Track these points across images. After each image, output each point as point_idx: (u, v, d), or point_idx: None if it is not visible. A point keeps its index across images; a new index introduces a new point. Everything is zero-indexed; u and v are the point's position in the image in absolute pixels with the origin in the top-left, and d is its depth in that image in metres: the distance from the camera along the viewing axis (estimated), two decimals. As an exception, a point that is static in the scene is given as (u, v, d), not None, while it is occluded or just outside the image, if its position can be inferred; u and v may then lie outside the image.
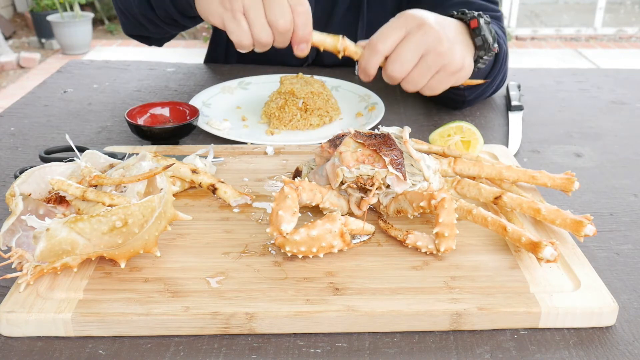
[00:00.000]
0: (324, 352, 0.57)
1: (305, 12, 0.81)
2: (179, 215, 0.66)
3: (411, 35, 0.82)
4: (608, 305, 0.60)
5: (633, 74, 1.40)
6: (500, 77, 1.11)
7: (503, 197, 0.71)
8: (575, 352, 0.57)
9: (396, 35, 0.82)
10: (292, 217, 0.64)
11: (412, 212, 0.70)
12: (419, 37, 0.81)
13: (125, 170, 0.69)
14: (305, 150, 0.93)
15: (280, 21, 0.79)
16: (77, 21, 4.83)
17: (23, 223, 0.65)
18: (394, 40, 0.82)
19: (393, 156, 0.71)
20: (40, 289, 0.61)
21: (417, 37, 0.81)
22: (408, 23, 0.82)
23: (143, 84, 1.29)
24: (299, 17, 0.80)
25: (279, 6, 0.79)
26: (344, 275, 0.63)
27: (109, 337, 0.58)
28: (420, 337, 0.59)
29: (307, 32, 0.81)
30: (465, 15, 0.91)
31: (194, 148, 0.93)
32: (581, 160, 0.97)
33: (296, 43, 0.83)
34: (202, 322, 0.58)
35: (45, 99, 1.21)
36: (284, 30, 0.80)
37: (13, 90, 4.08)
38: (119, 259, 0.62)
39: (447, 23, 0.87)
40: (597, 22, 5.63)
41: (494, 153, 0.92)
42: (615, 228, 0.77)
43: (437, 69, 0.84)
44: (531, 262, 0.66)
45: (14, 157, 0.96)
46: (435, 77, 0.85)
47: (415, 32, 0.82)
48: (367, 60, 0.83)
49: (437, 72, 0.84)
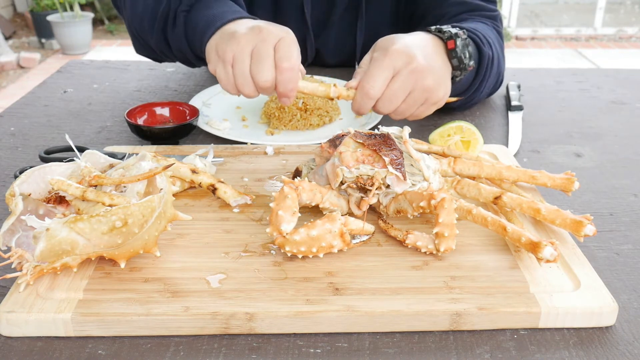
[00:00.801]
0: (324, 352, 0.57)
1: (290, 69, 0.81)
2: (179, 215, 0.66)
3: (400, 75, 0.83)
4: (608, 305, 0.60)
5: (633, 74, 1.40)
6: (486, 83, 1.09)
7: (503, 197, 0.71)
8: (575, 352, 0.57)
9: (385, 76, 0.82)
10: (292, 217, 0.64)
11: (412, 212, 0.70)
12: (408, 76, 0.83)
13: (125, 170, 0.69)
14: (305, 150, 0.93)
15: (261, 78, 0.81)
16: (77, 21, 4.83)
17: (23, 223, 0.65)
18: (383, 83, 0.83)
19: (393, 156, 0.71)
20: (40, 289, 0.61)
21: (406, 76, 0.83)
22: (396, 61, 0.82)
23: (143, 84, 1.29)
24: (282, 74, 0.81)
25: (262, 63, 0.80)
26: (344, 275, 0.63)
27: (109, 337, 0.58)
28: (420, 337, 0.59)
29: (289, 88, 0.82)
30: (443, 34, 0.91)
31: (194, 148, 0.93)
32: (581, 160, 0.97)
33: (279, 96, 0.84)
34: (202, 322, 0.58)
35: (45, 99, 1.21)
36: (265, 87, 0.82)
37: (13, 90, 4.08)
38: (118, 259, 0.62)
39: (429, 51, 0.87)
40: (597, 22, 5.63)
41: (494, 153, 0.92)
42: (615, 228, 0.77)
43: (423, 102, 0.86)
44: (531, 262, 0.66)
45: (14, 157, 0.96)
46: (420, 108, 0.87)
47: (404, 70, 0.82)
48: (360, 104, 0.84)
49: (422, 104, 0.87)
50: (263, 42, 0.81)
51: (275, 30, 0.82)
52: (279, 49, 0.81)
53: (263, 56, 0.80)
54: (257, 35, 0.82)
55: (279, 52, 0.81)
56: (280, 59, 0.80)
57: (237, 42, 0.82)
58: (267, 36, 0.81)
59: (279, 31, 0.83)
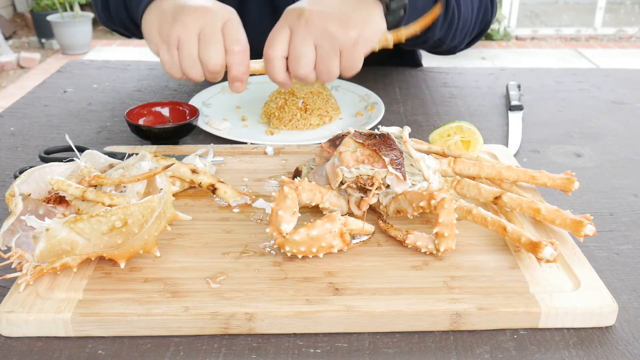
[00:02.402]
0: (323, 352, 0.57)
1: (242, 52, 0.79)
2: (179, 215, 0.66)
3: (295, 29, 0.79)
4: (608, 305, 0.60)
5: (633, 74, 1.40)
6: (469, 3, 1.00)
7: (503, 197, 0.71)
8: (575, 352, 0.57)
9: (281, 35, 0.79)
10: (291, 217, 0.64)
11: (411, 212, 0.70)
12: (303, 28, 0.78)
13: (125, 171, 0.69)
14: (305, 150, 0.93)
15: (211, 61, 0.79)
16: (77, 21, 4.83)
17: (23, 223, 0.65)
18: (281, 41, 0.79)
19: (393, 156, 0.71)
20: (40, 289, 0.61)
21: (301, 29, 0.78)
22: (288, 19, 0.80)
23: (143, 84, 1.29)
24: (234, 57, 0.79)
25: (212, 45, 0.78)
26: (344, 275, 0.63)
27: (108, 337, 0.58)
28: (420, 337, 0.59)
29: (241, 71, 0.80)
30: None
31: (194, 148, 0.93)
32: (581, 160, 0.97)
33: (231, 81, 0.82)
34: (201, 322, 0.58)
35: (45, 99, 1.21)
36: (214, 70, 0.80)
37: (13, 90, 4.08)
38: (118, 259, 0.62)
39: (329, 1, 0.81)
40: (597, 22, 5.63)
41: (494, 153, 0.92)
42: (615, 228, 0.77)
43: (339, 49, 0.80)
44: (531, 262, 0.66)
45: (14, 157, 0.96)
46: (344, 57, 0.81)
47: (297, 25, 0.79)
48: (269, 70, 0.81)
49: (342, 52, 0.80)
50: (211, 24, 0.78)
51: (220, 11, 0.80)
52: (227, 32, 0.79)
53: (212, 39, 0.78)
54: (203, 17, 0.79)
55: (229, 36, 0.79)
56: (232, 42, 0.78)
57: (183, 24, 0.78)
58: (213, 18, 0.79)
59: (224, 12, 0.80)
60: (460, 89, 1.28)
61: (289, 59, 0.80)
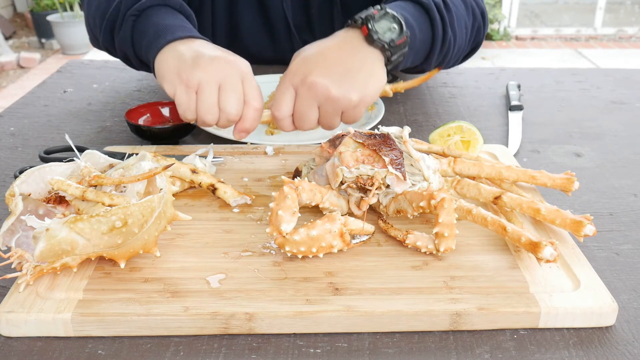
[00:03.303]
0: (323, 352, 0.57)
1: (258, 110, 0.83)
2: (179, 215, 0.66)
3: (299, 93, 0.83)
4: (608, 305, 0.60)
5: (633, 74, 1.40)
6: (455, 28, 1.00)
7: (503, 197, 0.71)
8: (575, 352, 0.57)
9: (286, 97, 0.83)
10: (291, 217, 0.64)
11: (411, 212, 0.70)
12: (306, 94, 0.82)
13: (125, 171, 0.69)
14: (305, 150, 0.93)
15: (232, 110, 0.81)
16: (77, 21, 4.83)
17: (23, 223, 0.65)
18: (288, 104, 0.84)
19: (393, 156, 0.71)
20: (40, 289, 0.61)
21: (305, 94, 0.82)
22: (293, 79, 0.83)
23: (143, 84, 1.29)
24: (251, 112, 0.83)
25: (233, 95, 0.81)
26: (344, 275, 0.63)
27: (108, 337, 0.58)
28: (420, 337, 0.59)
29: (253, 126, 0.84)
30: (356, 23, 0.87)
31: (193, 148, 0.93)
32: (581, 160, 0.97)
33: (238, 130, 0.84)
34: (201, 322, 0.58)
35: (45, 99, 1.21)
36: (232, 119, 0.83)
37: (13, 90, 4.08)
38: (118, 259, 0.62)
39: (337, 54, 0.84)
40: (597, 22, 5.63)
41: (494, 153, 0.92)
42: (615, 228, 0.77)
43: (341, 110, 0.84)
44: (531, 262, 0.66)
45: (13, 157, 0.96)
46: (345, 115, 0.85)
47: (301, 89, 0.82)
48: (279, 126, 0.86)
49: (343, 112, 0.85)
50: (232, 75, 0.82)
51: (239, 62, 0.84)
52: (248, 86, 0.83)
53: (234, 89, 0.81)
54: (224, 67, 0.82)
55: (249, 90, 0.83)
56: (253, 98, 0.82)
57: (204, 70, 0.81)
58: (234, 69, 0.82)
59: (243, 65, 0.84)
60: (460, 88, 1.28)
61: (294, 117, 0.85)
